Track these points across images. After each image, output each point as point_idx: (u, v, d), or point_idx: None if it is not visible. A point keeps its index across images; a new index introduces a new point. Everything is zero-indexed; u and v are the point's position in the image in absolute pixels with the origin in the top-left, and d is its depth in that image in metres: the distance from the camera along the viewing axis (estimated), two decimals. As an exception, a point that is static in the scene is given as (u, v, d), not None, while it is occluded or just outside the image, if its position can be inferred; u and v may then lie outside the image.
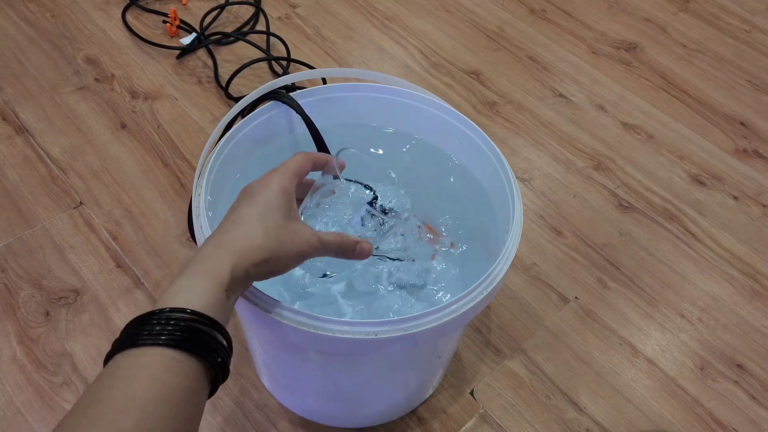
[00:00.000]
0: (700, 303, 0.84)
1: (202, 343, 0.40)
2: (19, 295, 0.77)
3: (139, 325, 0.39)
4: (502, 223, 0.59)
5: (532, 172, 0.96)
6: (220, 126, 0.61)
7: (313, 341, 0.49)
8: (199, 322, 0.40)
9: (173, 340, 0.38)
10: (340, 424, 0.70)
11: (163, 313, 0.39)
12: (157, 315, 0.39)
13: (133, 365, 0.38)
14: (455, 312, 0.50)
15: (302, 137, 0.65)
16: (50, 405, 0.69)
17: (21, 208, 0.85)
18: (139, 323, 0.39)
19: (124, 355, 0.38)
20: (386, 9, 1.19)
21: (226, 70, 1.04)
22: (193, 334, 0.39)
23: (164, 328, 0.39)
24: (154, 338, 0.38)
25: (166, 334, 0.38)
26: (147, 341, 0.38)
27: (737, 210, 0.94)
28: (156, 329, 0.39)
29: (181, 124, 0.97)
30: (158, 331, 0.38)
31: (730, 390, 0.76)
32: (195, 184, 0.57)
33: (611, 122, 1.04)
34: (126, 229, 0.84)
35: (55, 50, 1.05)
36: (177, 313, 0.40)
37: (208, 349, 0.40)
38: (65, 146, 0.92)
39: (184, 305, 0.40)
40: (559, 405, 0.73)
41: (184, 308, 0.40)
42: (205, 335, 0.40)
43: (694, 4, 1.27)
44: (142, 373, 0.37)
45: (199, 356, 0.39)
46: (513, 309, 0.81)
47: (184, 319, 0.39)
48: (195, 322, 0.40)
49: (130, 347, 0.38)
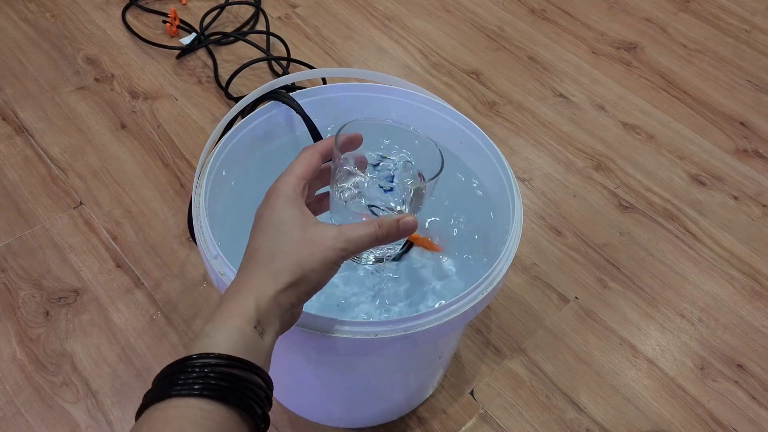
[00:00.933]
0: (700, 303, 0.83)
1: (231, 389, 0.36)
2: (19, 295, 0.77)
3: (166, 376, 0.37)
4: (502, 223, 0.59)
5: (532, 172, 0.96)
6: (220, 126, 0.61)
7: (312, 341, 0.49)
8: (229, 365, 0.37)
9: (198, 389, 0.35)
10: (339, 424, 0.70)
11: (189, 361, 0.37)
12: (181, 364, 0.37)
13: (159, 420, 0.35)
14: (455, 312, 0.50)
15: (302, 137, 0.65)
16: (50, 405, 0.69)
17: (21, 208, 0.85)
18: (167, 373, 0.37)
19: (151, 410, 0.36)
20: (386, 9, 1.19)
21: (226, 70, 1.04)
22: (221, 379, 0.36)
23: (188, 376, 0.36)
24: (179, 389, 0.36)
25: (191, 383, 0.36)
26: (172, 392, 0.36)
27: (737, 210, 0.94)
28: (181, 379, 0.36)
29: (181, 124, 0.97)
30: (183, 380, 0.36)
31: (731, 390, 0.76)
32: (195, 183, 0.57)
33: (611, 122, 1.04)
34: (126, 229, 0.84)
35: (55, 50, 1.05)
36: (202, 359, 0.37)
37: (238, 394, 0.36)
38: (65, 146, 0.92)
39: (210, 350, 0.37)
40: (559, 405, 0.73)
41: (209, 353, 0.37)
42: (234, 378, 0.37)
43: (694, 4, 1.27)
44: (167, 428, 0.35)
45: (230, 403, 0.36)
46: (513, 309, 0.81)
47: (210, 364, 0.36)
48: (223, 366, 0.36)
49: (157, 401, 0.36)
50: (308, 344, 0.52)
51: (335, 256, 0.43)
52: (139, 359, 0.73)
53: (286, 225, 0.44)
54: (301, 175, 0.47)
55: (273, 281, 0.41)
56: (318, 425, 0.70)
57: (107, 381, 0.71)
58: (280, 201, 0.45)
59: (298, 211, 0.45)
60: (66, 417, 0.68)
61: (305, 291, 0.43)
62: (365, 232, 0.44)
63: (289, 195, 0.45)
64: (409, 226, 0.47)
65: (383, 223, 0.45)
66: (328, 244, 0.43)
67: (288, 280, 0.41)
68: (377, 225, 0.45)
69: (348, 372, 0.60)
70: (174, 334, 0.75)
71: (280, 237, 0.43)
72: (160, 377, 0.37)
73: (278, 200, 0.45)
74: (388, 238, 0.45)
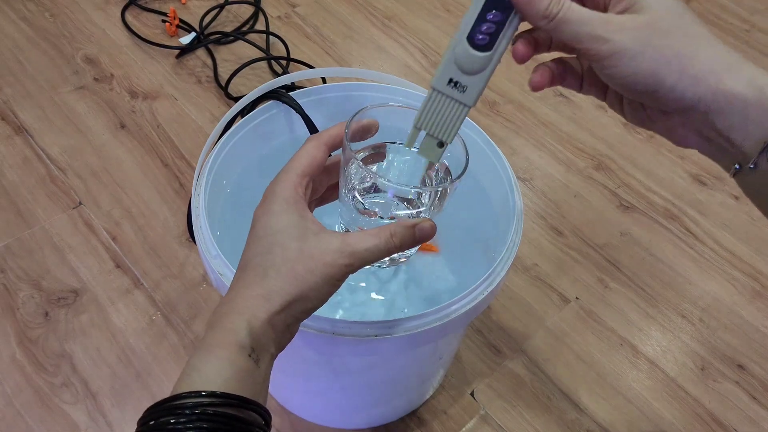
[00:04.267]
0: (701, 303, 0.83)
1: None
2: (18, 296, 0.77)
3: (154, 418, 0.33)
4: (502, 223, 0.59)
5: (532, 172, 0.96)
6: (220, 125, 0.61)
7: (312, 341, 0.49)
8: (223, 404, 0.33)
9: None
10: (339, 425, 0.70)
11: (179, 400, 0.33)
12: (170, 405, 0.33)
13: None
14: (456, 312, 0.50)
15: (302, 137, 0.65)
16: (49, 406, 0.69)
17: (20, 209, 0.85)
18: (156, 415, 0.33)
19: None
20: (386, 8, 1.19)
21: (225, 70, 1.04)
22: (216, 421, 0.32)
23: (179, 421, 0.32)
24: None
25: (181, 430, 0.32)
26: None
27: (738, 210, 0.94)
28: (170, 424, 0.32)
29: (181, 124, 0.96)
30: (173, 425, 0.32)
31: (731, 390, 0.76)
32: (194, 183, 0.56)
33: (612, 122, 1.04)
34: (125, 230, 0.84)
35: (54, 50, 1.05)
36: (193, 398, 0.33)
37: None
38: (64, 146, 0.92)
39: (200, 387, 0.33)
40: (560, 406, 0.73)
41: (200, 391, 0.33)
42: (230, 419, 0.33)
43: (694, 4, 1.27)
44: None
45: None
46: (513, 309, 0.81)
47: (203, 404, 0.32)
48: (217, 406, 0.33)
49: None
50: (308, 344, 0.51)
51: (338, 272, 0.38)
52: (139, 360, 0.72)
53: (282, 234, 0.39)
54: (302, 172, 0.42)
55: (266, 302, 0.37)
56: (318, 426, 0.70)
57: (107, 382, 0.71)
58: (277, 205, 0.40)
59: (296, 217, 0.39)
60: (65, 418, 0.68)
61: (303, 310, 0.38)
62: (374, 243, 0.39)
63: (288, 197, 0.40)
64: (426, 232, 0.41)
65: (396, 232, 0.39)
66: (329, 259, 0.38)
67: (283, 301, 0.37)
68: (389, 235, 0.39)
69: (348, 372, 0.60)
70: (174, 334, 0.75)
71: (275, 249, 0.38)
72: (147, 419, 0.33)
73: (275, 204, 0.40)
74: (402, 248, 0.40)
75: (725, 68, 0.35)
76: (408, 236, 0.40)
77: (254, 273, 0.38)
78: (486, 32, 0.38)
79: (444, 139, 0.42)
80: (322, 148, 0.44)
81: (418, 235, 0.41)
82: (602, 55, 0.35)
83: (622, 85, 0.37)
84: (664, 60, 0.34)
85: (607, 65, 0.36)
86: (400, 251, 0.40)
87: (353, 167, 0.45)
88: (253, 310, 0.36)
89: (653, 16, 0.35)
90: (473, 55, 0.39)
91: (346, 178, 0.45)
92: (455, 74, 0.40)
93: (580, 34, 0.35)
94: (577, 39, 0.35)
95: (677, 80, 0.35)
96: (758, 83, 0.34)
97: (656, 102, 0.36)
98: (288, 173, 0.42)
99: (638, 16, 0.35)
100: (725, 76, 0.34)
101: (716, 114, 0.35)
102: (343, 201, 0.47)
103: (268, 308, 0.36)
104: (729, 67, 0.35)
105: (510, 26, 0.38)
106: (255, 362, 0.35)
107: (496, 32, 0.38)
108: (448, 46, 0.39)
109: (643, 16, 0.35)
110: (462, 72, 0.40)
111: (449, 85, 0.40)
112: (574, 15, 0.35)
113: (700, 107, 0.35)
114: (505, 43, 0.39)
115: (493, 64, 0.40)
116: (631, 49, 0.34)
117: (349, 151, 0.43)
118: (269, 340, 0.37)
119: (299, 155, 0.43)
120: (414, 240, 0.40)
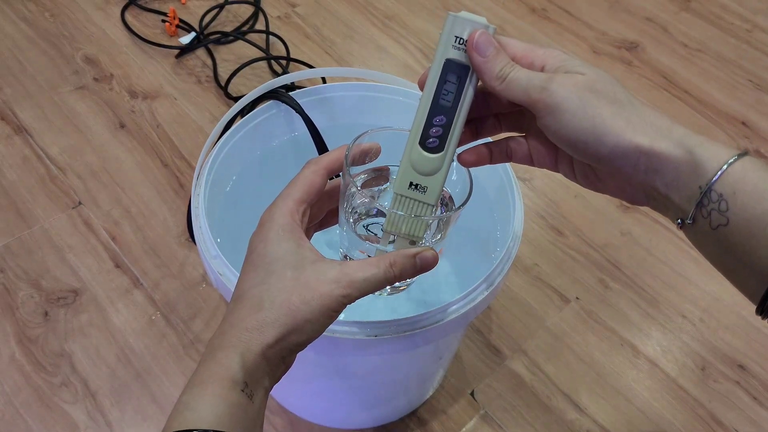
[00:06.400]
0: (702, 303, 0.83)
1: None
2: (17, 296, 0.77)
3: None
4: (503, 223, 0.59)
5: (532, 172, 0.96)
6: (220, 125, 0.60)
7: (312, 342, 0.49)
8: None
9: None
10: (339, 425, 0.70)
11: None
12: None
13: None
14: (456, 312, 0.50)
15: (302, 137, 0.65)
16: (49, 406, 0.69)
17: (19, 208, 0.85)
18: None
19: None
20: (386, 8, 1.19)
21: (225, 70, 1.04)
22: None
23: None
24: None
25: None
26: None
27: (738, 210, 0.94)
28: None
29: (180, 124, 0.96)
30: None
31: (732, 390, 0.76)
32: (194, 183, 0.56)
33: (612, 122, 1.04)
34: (125, 229, 0.84)
35: (54, 50, 1.05)
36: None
37: None
38: (64, 146, 0.92)
39: (192, 425, 0.32)
40: (560, 406, 0.73)
41: (191, 430, 0.32)
42: None
43: (695, 4, 1.27)
44: None
45: None
46: (514, 309, 0.81)
47: None
48: None
49: None
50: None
51: (334, 303, 0.37)
52: (138, 360, 0.72)
53: (278, 264, 0.38)
54: (299, 198, 0.41)
55: (259, 334, 0.36)
56: (318, 426, 0.70)
57: (106, 381, 0.70)
58: (273, 233, 0.39)
59: (293, 246, 0.39)
60: (65, 417, 0.68)
61: (297, 343, 0.37)
62: (372, 273, 0.38)
63: (285, 224, 0.39)
64: (427, 261, 0.40)
65: (396, 261, 0.39)
66: (326, 289, 0.37)
67: (277, 333, 0.36)
68: (388, 264, 0.38)
69: (348, 373, 0.60)
70: (173, 334, 0.75)
71: (270, 279, 0.37)
72: None
73: (271, 231, 0.39)
74: (402, 278, 0.39)
75: (656, 130, 0.37)
76: (409, 266, 0.39)
77: (249, 304, 0.37)
78: (435, 135, 0.41)
79: (415, 237, 0.43)
80: (321, 173, 0.43)
81: (419, 265, 0.40)
82: (549, 107, 0.37)
83: (567, 142, 0.38)
84: (600, 119, 0.37)
85: (552, 121, 0.38)
86: (400, 281, 0.40)
87: (353, 192, 0.45)
88: (246, 343, 0.35)
89: (588, 78, 0.38)
90: (427, 157, 0.42)
91: (346, 202, 0.45)
92: (414, 177, 0.42)
93: (529, 89, 0.38)
94: (526, 94, 0.38)
95: (616, 143, 0.37)
96: (687, 144, 0.36)
97: (599, 162, 0.38)
98: (285, 200, 0.41)
99: (575, 76, 0.38)
100: (658, 137, 0.37)
101: (653, 173, 0.37)
102: (342, 226, 0.47)
103: (261, 341, 0.36)
104: (660, 130, 0.37)
105: (456, 127, 0.41)
106: (248, 397, 0.35)
107: (444, 134, 0.41)
108: (404, 152, 0.42)
109: (580, 77, 0.38)
110: (420, 174, 0.42)
111: (410, 188, 0.42)
112: (522, 74, 0.38)
113: (639, 167, 0.37)
114: (455, 141, 0.42)
115: (446, 163, 0.42)
116: (574, 102, 0.37)
117: (348, 176, 0.43)
118: (263, 374, 0.36)
119: (297, 180, 0.42)
120: (415, 270, 0.40)
